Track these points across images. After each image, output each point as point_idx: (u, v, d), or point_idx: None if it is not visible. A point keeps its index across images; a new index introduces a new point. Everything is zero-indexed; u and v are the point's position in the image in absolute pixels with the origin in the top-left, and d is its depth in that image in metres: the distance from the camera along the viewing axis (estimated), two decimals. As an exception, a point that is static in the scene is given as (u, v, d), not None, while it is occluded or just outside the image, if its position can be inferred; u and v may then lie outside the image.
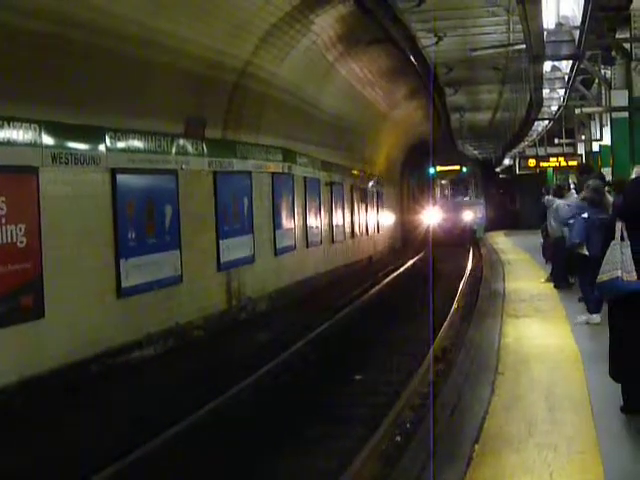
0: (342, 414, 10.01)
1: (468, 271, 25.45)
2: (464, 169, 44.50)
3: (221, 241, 16.56)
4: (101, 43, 11.89)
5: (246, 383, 11.14)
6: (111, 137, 12.77)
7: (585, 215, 12.20)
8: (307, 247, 22.89)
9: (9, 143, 10.58)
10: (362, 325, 16.43)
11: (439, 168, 44.25)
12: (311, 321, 16.19)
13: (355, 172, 30.71)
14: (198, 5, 13.55)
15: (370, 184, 34.10)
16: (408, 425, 9.17)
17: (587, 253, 11.84)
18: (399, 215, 45.79)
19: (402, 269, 28.91)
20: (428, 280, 19.00)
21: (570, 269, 17.04)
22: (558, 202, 17.06)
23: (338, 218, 27.47)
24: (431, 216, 41.81)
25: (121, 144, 13.06)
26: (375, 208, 35.87)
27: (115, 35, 12.07)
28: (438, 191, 45.22)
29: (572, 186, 19.18)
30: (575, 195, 17.53)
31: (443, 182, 45.72)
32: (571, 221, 13.31)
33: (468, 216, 42.47)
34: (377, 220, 36.39)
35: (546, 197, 18.20)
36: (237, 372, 11.78)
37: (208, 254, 16.11)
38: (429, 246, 34.20)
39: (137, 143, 13.55)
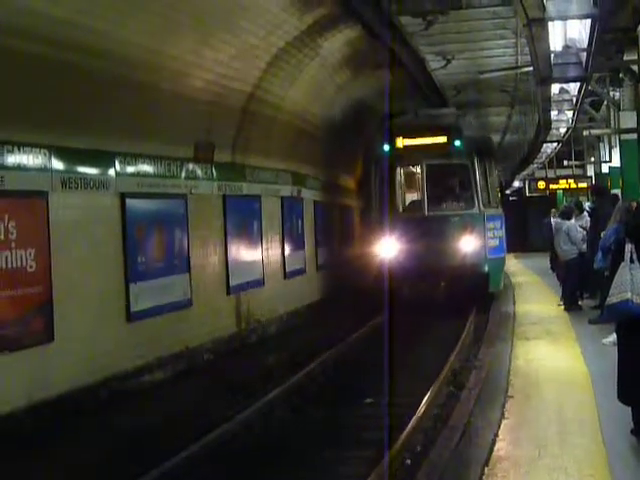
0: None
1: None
2: (457, 143, 19.83)
3: (229, 265, 16.55)
4: (111, 69, 11.94)
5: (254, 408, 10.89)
6: (120, 162, 12.81)
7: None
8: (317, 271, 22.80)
9: (19, 168, 10.62)
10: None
11: (403, 141, 20.23)
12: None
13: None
14: (206, 32, 13.62)
15: None
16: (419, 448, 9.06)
17: None
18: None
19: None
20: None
21: (583, 291, 16.99)
22: (569, 224, 17.03)
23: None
24: (386, 247, 19.56)
25: (130, 168, 13.10)
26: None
27: (124, 61, 12.12)
28: (400, 193, 22.11)
29: (586, 208, 19.04)
30: (587, 217, 17.50)
31: (411, 172, 22.86)
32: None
33: (467, 244, 19.20)
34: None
35: (553, 219, 18.25)
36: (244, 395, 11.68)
37: (217, 277, 16.12)
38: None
39: (146, 167, 13.59)
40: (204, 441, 9.39)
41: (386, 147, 20.11)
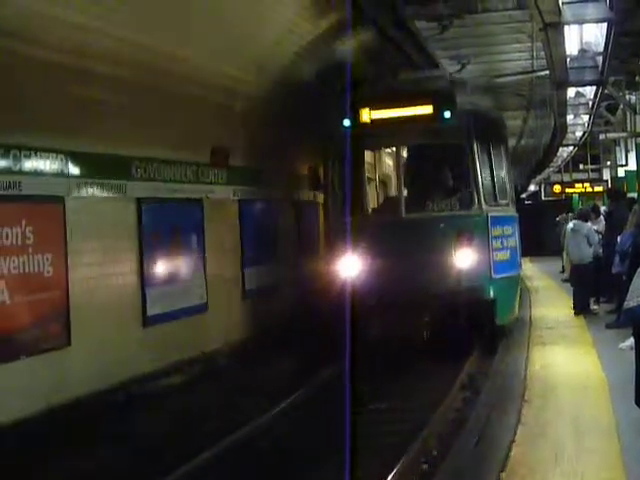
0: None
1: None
2: (447, 114, 13.64)
3: (246, 269, 16.49)
4: (127, 74, 11.98)
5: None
6: (137, 166, 12.85)
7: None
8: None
9: (36, 173, 10.67)
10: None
11: (370, 114, 14.10)
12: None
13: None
14: (224, 38, 13.59)
15: None
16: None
17: None
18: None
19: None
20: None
21: (600, 295, 16.91)
22: (588, 226, 16.94)
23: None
24: (347, 264, 13.72)
25: (146, 173, 13.13)
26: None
27: (140, 66, 12.16)
28: (367, 187, 16.90)
29: (602, 211, 18.92)
30: (603, 221, 17.44)
31: (383, 157, 20.06)
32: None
33: (463, 259, 13.46)
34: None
35: (573, 222, 17.96)
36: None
37: (233, 282, 16.11)
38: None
39: (162, 172, 13.61)
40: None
41: (346, 122, 13.85)
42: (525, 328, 15.58)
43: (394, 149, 15.40)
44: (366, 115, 13.92)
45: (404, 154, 16.24)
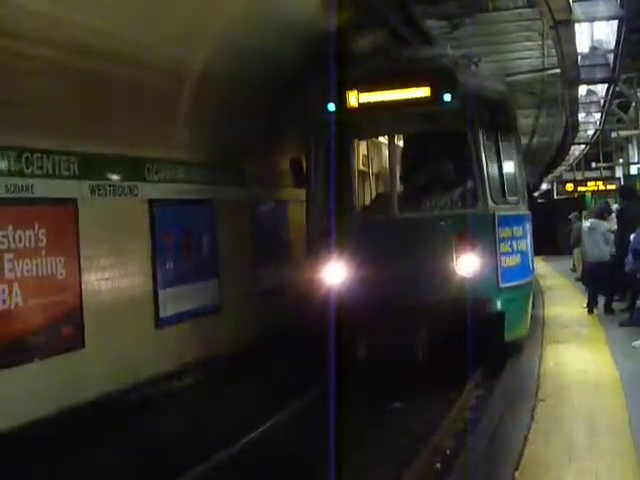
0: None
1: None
2: (447, 97, 11.93)
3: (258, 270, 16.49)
4: (139, 76, 11.98)
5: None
6: (149, 168, 12.88)
7: None
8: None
9: (48, 175, 10.71)
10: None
11: (359, 97, 12.38)
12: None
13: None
14: (237, 41, 13.51)
15: None
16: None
17: None
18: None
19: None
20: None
21: (613, 294, 16.84)
22: (605, 225, 16.87)
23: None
24: (332, 270, 12.10)
25: (159, 175, 13.16)
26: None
27: (152, 68, 12.15)
28: (356, 182, 15.11)
29: (614, 210, 18.81)
30: (615, 219, 17.37)
31: (374, 148, 17.74)
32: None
33: (466, 265, 11.80)
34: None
35: (590, 220, 17.80)
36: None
37: (246, 283, 16.12)
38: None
39: (174, 174, 13.64)
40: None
41: (330, 106, 12.28)
42: (538, 326, 15.54)
43: (386, 138, 13.52)
44: (353, 98, 12.27)
45: (398, 143, 14.65)
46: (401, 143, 15.29)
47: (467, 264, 11.68)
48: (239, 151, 15.52)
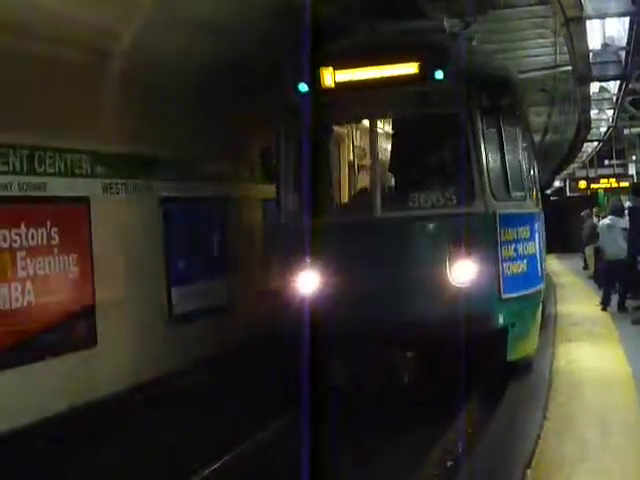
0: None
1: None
2: (439, 74, 10.07)
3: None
4: (152, 76, 11.98)
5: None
6: (160, 166, 12.90)
7: None
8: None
9: (60, 174, 10.74)
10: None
11: (335, 75, 10.47)
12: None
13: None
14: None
15: None
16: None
17: None
18: None
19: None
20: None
21: (625, 292, 16.79)
22: (622, 222, 16.80)
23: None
24: (304, 280, 10.39)
25: (170, 173, 13.18)
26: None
27: (163, 69, 12.14)
28: (331, 176, 12.33)
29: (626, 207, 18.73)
30: (627, 217, 17.31)
31: (352, 135, 14.43)
32: None
33: (461, 273, 9.99)
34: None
35: (609, 217, 17.70)
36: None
37: (256, 281, 16.12)
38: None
39: (186, 171, 13.65)
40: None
41: (302, 87, 10.52)
42: (551, 324, 15.51)
43: (367, 123, 11.43)
44: (329, 77, 10.42)
45: (381, 130, 13.26)
46: (385, 129, 13.86)
47: (462, 272, 9.92)
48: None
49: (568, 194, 44.30)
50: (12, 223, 9.98)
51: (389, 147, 13.24)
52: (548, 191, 49.57)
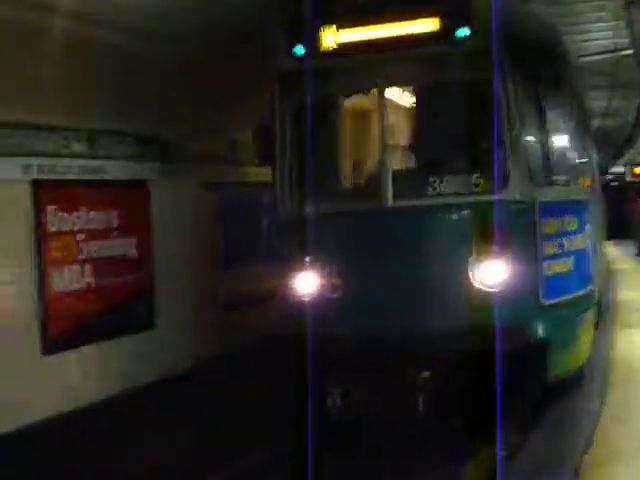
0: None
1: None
2: (460, 31, 8.07)
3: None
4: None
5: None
6: (204, 151, 12.95)
7: None
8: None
9: (121, 157, 10.89)
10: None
11: (337, 35, 8.56)
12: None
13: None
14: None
15: None
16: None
17: None
18: None
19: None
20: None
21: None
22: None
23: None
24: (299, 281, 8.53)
25: (215, 158, 13.25)
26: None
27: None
28: (331, 156, 9.52)
29: None
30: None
31: (357, 107, 11.03)
32: None
33: (490, 275, 8.00)
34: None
35: None
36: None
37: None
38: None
39: (235, 155, 13.71)
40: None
41: (299, 49, 8.69)
42: (610, 311, 15.36)
43: (376, 93, 8.85)
44: (330, 37, 8.67)
45: (394, 101, 11.60)
46: (399, 100, 12.24)
47: (492, 274, 8.07)
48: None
49: (629, 179, 43.72)
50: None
51: (403, 122, 11.79)
52: (609, 176, 48.79)
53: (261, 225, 14.65)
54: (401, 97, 12.01)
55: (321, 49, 8.60)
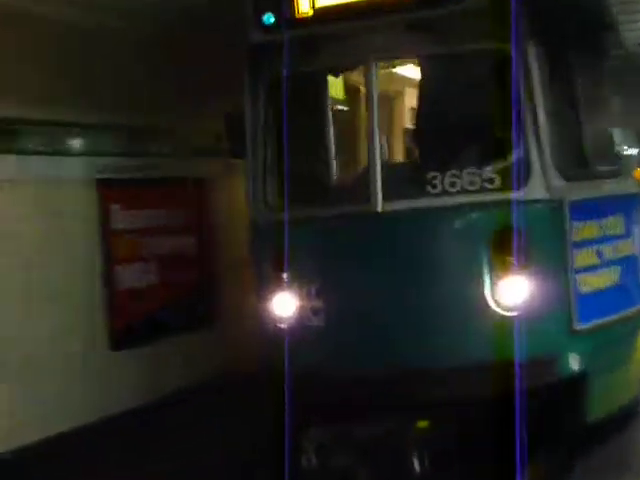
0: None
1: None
2: None
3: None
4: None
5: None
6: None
7: None
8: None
9: (182, 155, 10.96)
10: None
11: None
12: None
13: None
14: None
15: None
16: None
17: None
18: None
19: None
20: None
21: None
22: None
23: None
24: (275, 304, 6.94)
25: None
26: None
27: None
28: (311, 147, 7.85)
29: None
30: None
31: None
32: None
33: (511, 294, 6.30)
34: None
35: None
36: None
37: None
38: None
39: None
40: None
41: (269, 18, 7.06)
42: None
43: (363, 70, 7.11)
44: (306, 1, 7.00)
45: (385, 78, 9.40)
46: (390, 78, 10.41)
47: (511, 293, 6.41)
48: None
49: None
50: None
51: (397, 105, 10.14)
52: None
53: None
54: (396, 73, 9.90)
55: (296, 16, 7.02)
